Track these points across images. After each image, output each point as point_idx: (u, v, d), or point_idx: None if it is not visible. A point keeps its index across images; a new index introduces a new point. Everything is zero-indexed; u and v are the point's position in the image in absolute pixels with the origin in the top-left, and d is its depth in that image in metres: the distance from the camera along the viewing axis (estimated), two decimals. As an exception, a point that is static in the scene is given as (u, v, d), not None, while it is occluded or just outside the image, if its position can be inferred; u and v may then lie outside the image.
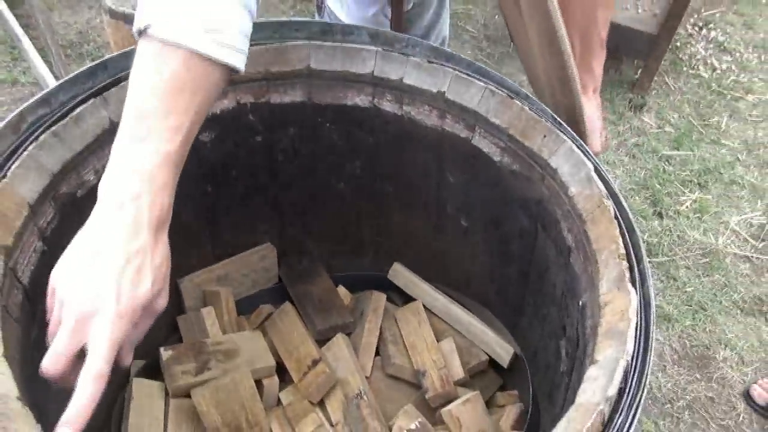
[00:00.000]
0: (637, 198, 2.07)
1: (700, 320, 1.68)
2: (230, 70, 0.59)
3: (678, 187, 2.14)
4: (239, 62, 0.59)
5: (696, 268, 1.83)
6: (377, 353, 1.03)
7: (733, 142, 2.37)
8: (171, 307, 1.03)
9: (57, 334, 0.51)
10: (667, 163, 2.23)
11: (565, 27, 0.71)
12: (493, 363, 1.02)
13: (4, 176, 0.61)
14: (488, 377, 1.03)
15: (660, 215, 2.01)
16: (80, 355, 0.51)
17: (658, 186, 2.11)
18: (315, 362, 0.96)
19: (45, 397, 0.57)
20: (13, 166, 0.62)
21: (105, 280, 0.51)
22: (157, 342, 0.97)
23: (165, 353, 0.92)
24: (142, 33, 0.55)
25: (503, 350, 0.99)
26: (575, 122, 0.80)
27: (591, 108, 0.87)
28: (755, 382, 1.53)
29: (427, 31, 1.26)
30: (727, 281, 1.80)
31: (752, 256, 1.90)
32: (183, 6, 0.55)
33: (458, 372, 0.98)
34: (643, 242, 1.83)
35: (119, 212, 0.53)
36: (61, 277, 0.53)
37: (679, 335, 1.65)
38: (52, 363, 0.50)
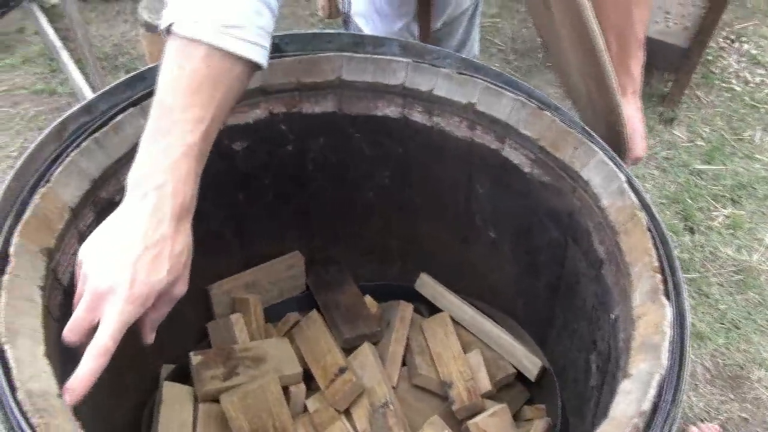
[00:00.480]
0: (667, 212, 2.03)
1: (733, 339, 1.64)
2: (253, 66, 0.61)
3: (710, 202, 2.09)
4: (259, 56, 0.61)
5: (729, 285, 1.79)
6: (404, 363, 1.03)
7: (767, 157, 2.32)
8: (201, 313, 1.05)
9: (77, 305, 0.55)
10: (698, 177, 2.19)
11: (600, 27, 0.68)
12: (520, 376, 1.01)
13: (48, 181, 0.63)
14: (515, 390, 1.02)
15: (691, 230, 1.98)
16: (95, 329, 0.55)
17: (690, 201, 2.07)
18: (342, 370, 0.96)
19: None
20: (56, 172, 0.64)
21: (122, 265, 0.54)
22: (187, 347, 0.98)
23: (195, 358, 0.94)
24: (167, 31, 0.58)
25: (531, 363, 0.98)
26: (615, 124, 0.77)
27: (631, 109, 0.84)
28: None
29: (458, 50, 1.27)
30: (762, 299, 1.75)
31: (788, 274, 1.85)
32: (204, 4, 0.58)
33: (485, 384, 0.97)
34: (678, 260, 1.78)
35: (143, 201, 0.56)
36: (87, 254, 0.57)
37: (711, 354, 1.60)
38: (70, 331, 0.55)
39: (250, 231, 1.04)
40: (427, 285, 1.10)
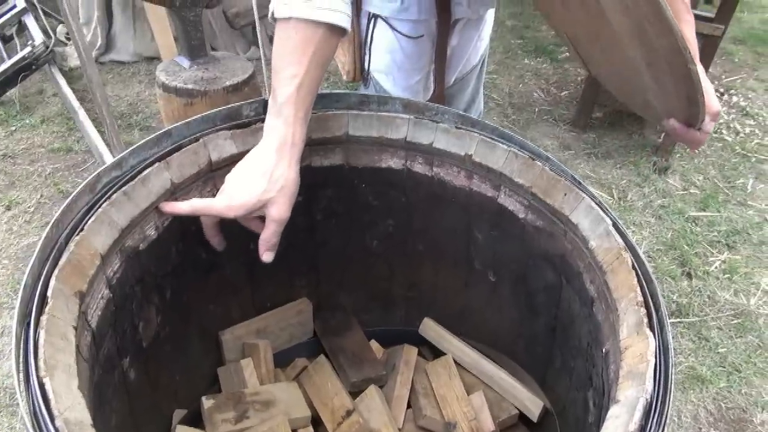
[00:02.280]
0: (665, 258, 2.08)
1: (735, 382, 1.65)
2: (333, 28, 0.76)
3: (706, 247, 2.14)
4: (338, 20, 0.75)
5: (728, 329, 1.82)
6: (409, 405, 1.06)
7: (760, 204, 2.38)
8: (213, 358, 1.09)
9: None
10: (694, 224, 2.25)
11: None
12: (523, 417, 1.03)
13: (82, 230, 0.69)
14: (518, 431, 1.04)
15: (689, 276, 2.02)
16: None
17: (686, 247, 2.12)
18: (349, 413, 0.99)
19: (108, 429, 0.62)
20: (89, 221, 0.70)
21: (229, 181, 0.78)
22: (199, 392, 1.02)
23: (206, 402, 0.97)
24: (273, 19, 0.77)
25: (533, 404, 1.01)
26: (691, 91, 0.75)
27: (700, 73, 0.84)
28: None
29: (468, 106, 1.35)
30: (761, 342, 1.78)
31: (786, 318, 1.87)
32: None
33: (488, 425, 1.00)
34: (666, 300, 1.81)
35: (262, 140, 0.78)
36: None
37: (713, 397, 1.62)
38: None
39: (260, 278, 1.09)
40: (431, 329, 1.14)
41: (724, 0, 2.39)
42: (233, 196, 0.76)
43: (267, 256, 0.83)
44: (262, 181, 0.76)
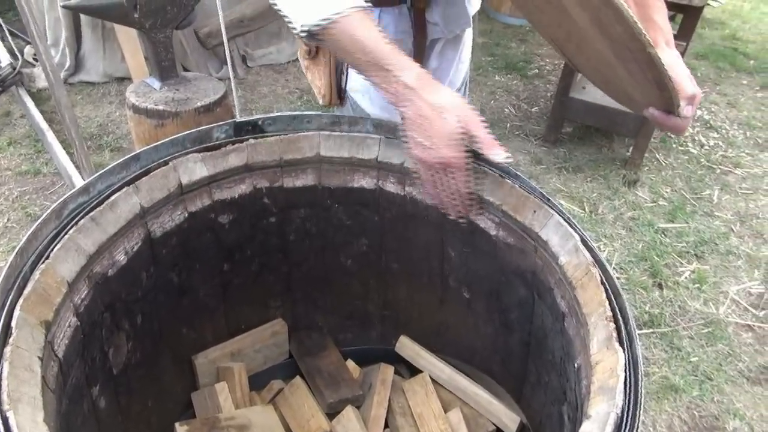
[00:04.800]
0: (636, 270, 2.12)
1: (707, 390, 1.68)
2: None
3: (676, 258, 2.19)
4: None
5: (699, 338, 1.85)
6: (386, 425, 1.05)
7: (726, 214, 2.45)
8: (187, 383, 1.07)
9: None
10: (663, 235, 2.30)
11: None
12: (499, 432, 1.04)
13: (48, 257, 0.68)
14: (496, 447, 1.04)
15: (660, 286, 2.05)
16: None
17: (657, 258, 2.17)
18: (326, 434, 0.98)
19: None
20: (55, 249, 0.69)
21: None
22: (172, 418, 1.00)
23: (180, 428, 0.95)
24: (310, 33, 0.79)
25: (510, 420, 1.02)
26: (660, 77, 0.74)
27: (669, 57, 0.83)
28: None
29: None
30: (731, 350, 1.82)
31: (754, 325, 1.92)
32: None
33: (466, 442, 1.00)
34: (639, 311, 1.83)
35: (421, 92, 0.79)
36: None
37: (687, 406, 1.64)
38: None
39: (234, 300, 1.08)
40: (407, 347, 1.14)
41: (685, 17, 2.47)
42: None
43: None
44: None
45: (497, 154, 0.78)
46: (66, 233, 0.71)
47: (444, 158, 0.78)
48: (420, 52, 1.12)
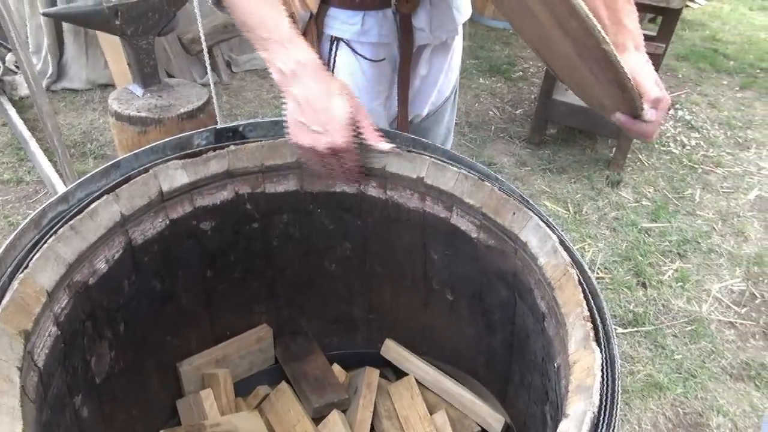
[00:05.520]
0: (620, 269, 2.14)
1: (691, 387, 1.70)
2: None
3: (659, 257, 2.21)
4: None
5: (683, 336, 1.88)
6: (372, 428, 1.06)
7: (707, 213, 2.48)
8: (172, 390, 1.07)
9: None
10: (646, 234, 2.32)
11: None
12: (485, 434, 1.04)
13: (26, 267, 0.68)
14: (481, 448, 1.05)
15: (644, 285, 2.08)
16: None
17: (640, 257, 2.19)
18: (311, 439, 0.99)
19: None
20: (34, 258, 0.68)
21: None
22: (157, 426, 0.99)
23: (165, 436, 0.95)
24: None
25: (494, 420, 1.02)
26: (621, 80, 0.73)
27: (635, 61, 0.82)
28: None
29: (445, 138, 1.36)
30: (714, 348, 1.84)
31: (736, 322, 1.94)
32: None
33: (451, 444, 1.01)
34: (623, 310, 1.84)
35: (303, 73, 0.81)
36: None
37: (671, 403, 1.66)
38: None
39: (219, 306, 1.07)
40: (392, 350, 1.14)
41: (664, 19, 2.50)
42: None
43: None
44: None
45: (383, 144, 0.83)
46: (45, 242, 0.71)
47: (334, 144, 0.79)
48: (407, 58, 1.13)
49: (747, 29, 4.47)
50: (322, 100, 0.78)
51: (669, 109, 0.84)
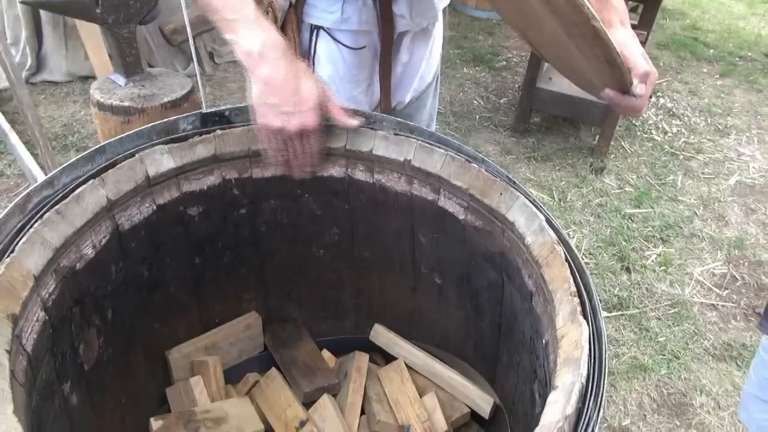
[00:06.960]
0: (605, 255, 2.16)
1: (674, 368, 1.73)
2: None
3: (642, 242, 2.24)
4: None
5: (666, 319, 1.91)
6: (363, 412, 1.06)
7: (689, 199, 2.52)
8: (161, 378, 1.07)
9: None
10: (630, 220, 2.35)
11: None
12: (475, 415, 1.06)
13: (12, 251, 0.67)
14: (471, 429, 1.06)
15: (628, 270, 2.11)
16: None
17: (624, 242, 2.22)
18: (302, 423, 0.99)
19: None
20: (20, 242, 0.68)
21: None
22: (146, 415, 0.99)
23: (155, 423, 0.95)
24: None
25: (484, 402, 1.04)
26: (610, 56, 0.73)
27: (623, 36, 0.83)
28: None
29: (429, 123, 1.36)
30: (696, 329, 1.87)
31: (718, 304, 1.98)
32: None
33: (441, 425, 1.02)
34: (608, 295, 1.87)
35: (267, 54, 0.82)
36: None
37: (656, 384, 1.69)
38: None
39: (207, 294, 1.07)
40: (381, 335, 1.15)
41: (644, 8, 2.53)
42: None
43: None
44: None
45: (351, 121, 0.86)
46: (31, 226, 0.70)
47: (305, 124, 0.80)
48: (387, 45, 1.13)
49: (726, 18, 4.52)
50: (292, 80, 0.79)
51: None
